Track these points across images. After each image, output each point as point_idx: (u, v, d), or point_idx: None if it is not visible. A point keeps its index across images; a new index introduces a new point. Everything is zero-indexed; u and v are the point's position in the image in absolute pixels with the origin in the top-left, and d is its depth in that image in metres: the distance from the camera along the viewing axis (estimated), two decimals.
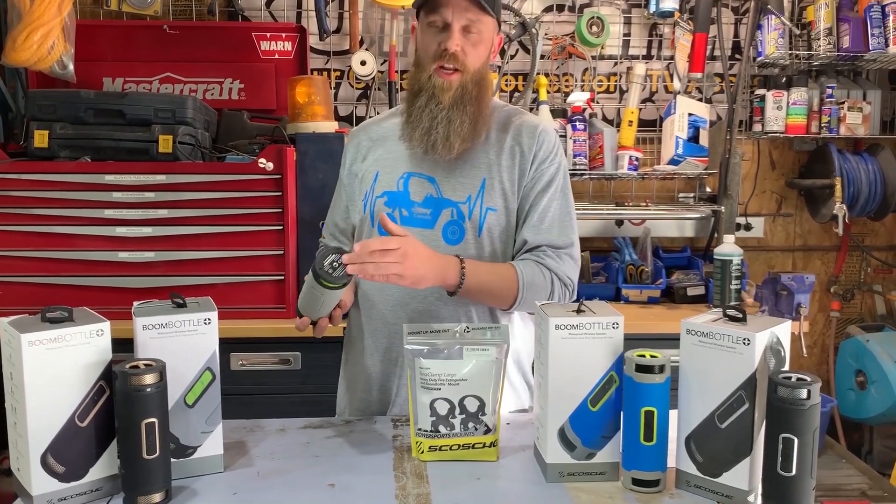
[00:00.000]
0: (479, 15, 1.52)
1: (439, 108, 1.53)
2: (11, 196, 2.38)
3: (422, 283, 1.42)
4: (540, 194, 1.58)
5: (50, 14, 2.40)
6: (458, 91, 1.53)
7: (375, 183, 1.62)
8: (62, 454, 1.13)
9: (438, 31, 1.53)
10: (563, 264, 1.56)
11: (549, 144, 1.61)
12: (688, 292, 2.76)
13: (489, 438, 1.32)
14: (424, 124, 1.54)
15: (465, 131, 1.54)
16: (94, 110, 2.42)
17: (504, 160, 1.59)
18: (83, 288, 2.40)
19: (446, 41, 1.51)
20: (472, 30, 1.52)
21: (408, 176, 1.60)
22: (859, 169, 2.95)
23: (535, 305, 1.53)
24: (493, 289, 1.52)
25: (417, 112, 1.55)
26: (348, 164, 1.70)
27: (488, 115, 1.59)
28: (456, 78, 1.53)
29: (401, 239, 1.38)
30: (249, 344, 2.41)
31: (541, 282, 1.53)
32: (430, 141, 1.54)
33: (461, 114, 1.53)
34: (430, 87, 1.54)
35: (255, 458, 1.33)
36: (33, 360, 1.10)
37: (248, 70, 2.80)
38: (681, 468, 1.20)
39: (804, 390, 1.07)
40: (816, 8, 2.84)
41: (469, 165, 1.58)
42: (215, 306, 1.26)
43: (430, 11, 1.52)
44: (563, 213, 1.60)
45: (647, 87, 3.06)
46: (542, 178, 1.59)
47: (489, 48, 1.58)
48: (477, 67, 1.55)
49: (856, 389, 2.96)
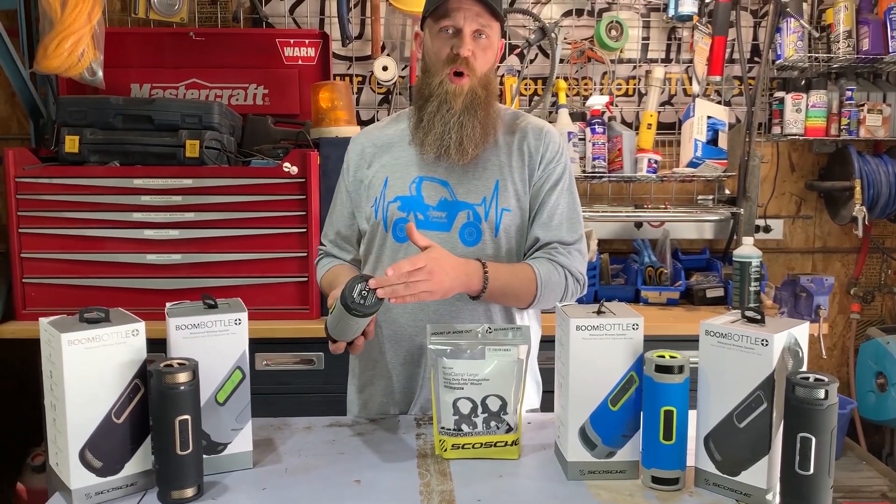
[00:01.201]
0: (489, 20, 1.55)
1: (451, 114, 1.56)
2: (43, 200, 2.44)
3: (450, 293, 1.45)
4: (549, 193, 1.62)
5: (80, 22, 2.46)
6: (469, 96, 1.56)
7: (386, 188, 1.63)
8: (99, 450, 1.18)
9: (450, 36, 1.56)
10: (573, 260, 1.61)
11: (555, 145, 1.65)
12: (707, 294, 2.77)
13: (511, 437, 1.35)
14: (437, 129, 1.57)
15: (478, 136, 1.58)
16: (122, 116, 2.48)
17: (514, 162, 1.63)
18: (112, 290, 2.46)
19: (459, 46, 1.54)
20: (482, 35, 1.56)
21: (420, 180, 1.62)
22: (879, 171, 2.94)
23: (550, 302, 1.56)
24: (515, 289, 1.55)
25: (429, 117, 1.58)
26: (352, 170, 1.71)
27: (496, 119, 1.63)
28: (466, 82, 1.56)
29: (426, 256, 1.40)
30: (273, 344, 2.45)
31: (556, 279, 1.57)
32: (443, 146, 1.57)
33: (472, 118, 1.56)
34: (442, 92, 1.56)
35: (283, 454, 1.37)
36: (72, 358, 1.14)
37: (273, 76, 2.85)
38: (700, 467, 1.22)
39: (822, 390, 1.09)
40: (836, 10, 2.84)
41: (481, 168, 1.62)
42: (245, 307, 1.30)
43: (441, 17, 1.55)
44: (570, 210, 1.64)
45: (665, 90, 3.08)
46: (550, 177, 1.63)
47: (496, 53, 1.62)
48: (485, 72, 1.59)
49: (876, 391, 2.95)
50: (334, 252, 1.76)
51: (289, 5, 3.01)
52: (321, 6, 3.02)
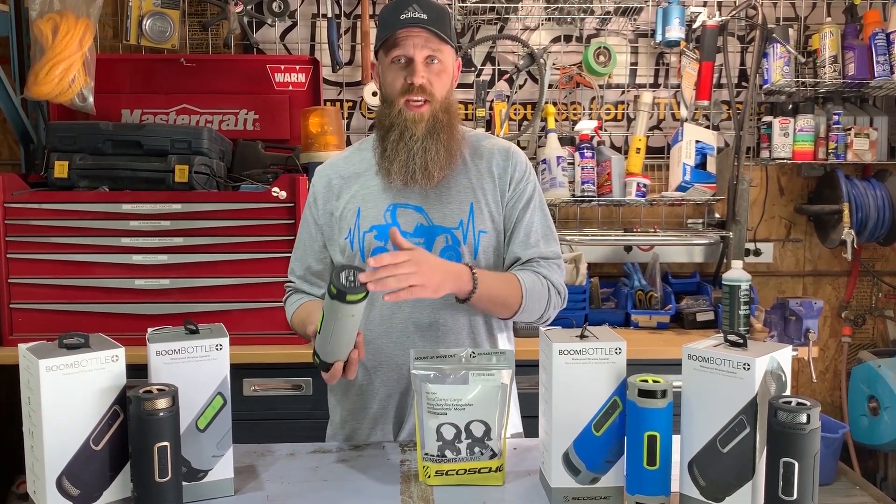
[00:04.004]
0: (439, 45, 1.57)
1: (413, 140, 1.57)
2: (32, 225, 2.43)
3: (441, 289, 1.45)
4: (522, 211, 1.64)
5: (71, 49, 2.48)
6: (430, 121, 1.57)
7: (359, 219, 1.62)
8: (77, 477, 1.16)
9: (402, 66, 1.57)
10: (553, 273, 1.63)
11: (522, 164, 1.67)
12: (697, 318, 2.77)
13: (495, 463, 1.34)
14: (401, 157, 1.57)
15: (442, 159, 1.59)
16: (112, 141, 2.49)
17: (486, 184, 1.64)
18: (100, 315, 2.45)
19: (412, 75, 1.56)
20: (435, 60, 1.57)
21: (394, 207, 1.62)
22: (867, 194, 2.95)
23: (535, 313, 1.58)
24: (503, 294, 1.56)
25: (392, 146, 1.58)
26: (321, 203, 1.68)
27: (460, 141, 1.64)
28: (426, 109, 1.57)
29: (408, 251, 1.42)
30: (262, 369, 2.44)
31: (539, 289, 1.59)
32: (408, 172, 1.58)
33: (436, 143, 1.57)
34: (402, 121, 1.57)
35: (265, 482, 1.36)
36: (50, 385, 1.13)
37: (263, 101, 2.86)
38: (684, 492, 1.21)
39: (804, 414, 1.09)
40: (821, 36, 2.87)
41: (454, 191, 1.63)
42: (227, 332, 1.29)
43: (391, 48, 1.57)
44: (544, 227, 1.67)
45: (654, 114, 3.10)
46: (522, 196, 1.65)
47: (451, 75, 1.63)
48: (444, 95, 1.60)
49: (868, 415, 2.94)
50: (304, 288, 1.72)
51: (279, 32, 3.03)
52: (311, 32, 3.05)
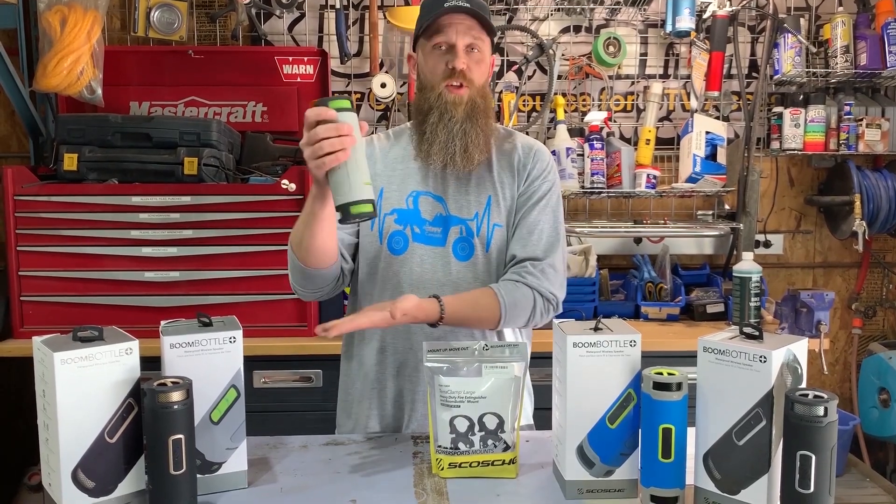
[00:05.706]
0: (480, 33, 1.58)
1: (453, 122, 1.57)
2: (42, 217, 2.44)
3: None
4: (531, 208, 1.62)
5: (80, 41, 2.47)
6: (469, 105, 1.58)
7: (381, 199, 1.63)
8: (92, 470, 1.16)
9: (443, 52, 1.58)
10: (544, 280, 1.57)
11: (543, 164, 1.66)
12: (707, 310, 2.76)
13: (508, 455, 1.33)
14: (441, 138, 1.58)
15: (482, 143, 1.59)
16: (121, 134, 2.49)
17: (506, 178, 1.64)
18: (110, 307, 2.46)
19: (453, 60, 1.56)
20: (475, 49, 1.58)
21: (417, 194, 1.63)
22: (878, 185, 2.94)
23: (520, 321, 1.56)
24: (474, 316, 1.54)
25: (431, 128, 1.59)
26: None
27: (493, 131, 1.65)
28: (465, 92, 1.58)
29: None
30: (272, 362, 2.44)
31: (522, 300, 1.55)
32: (447, 153, 1.58)
33: (475, 126, 1.58)
34: (442, 103, 1.58)
35: (279, 474, 1.35)
36: (65, 377, 1.13)
37: (271, 93, 2.85)
38: (699, 485, 1.21)
39: (821, 407, 1.08)
40: (833, 26, 2.85)
41: (475, 184, 1.63)
42: (240, 325, 1.29)
43: (434, 34, 1.58)
44: (551, 229, 1.62)
45: (664, 105, 3.08)
46: (534, 193, 1.63)
47: (488, 66, 1.64)
48: (482, 83, 1.61)
49: (879, 407, 2.93)
50: None
51: (287, 23, 3.02)
52: (320, 24, 3.04)
